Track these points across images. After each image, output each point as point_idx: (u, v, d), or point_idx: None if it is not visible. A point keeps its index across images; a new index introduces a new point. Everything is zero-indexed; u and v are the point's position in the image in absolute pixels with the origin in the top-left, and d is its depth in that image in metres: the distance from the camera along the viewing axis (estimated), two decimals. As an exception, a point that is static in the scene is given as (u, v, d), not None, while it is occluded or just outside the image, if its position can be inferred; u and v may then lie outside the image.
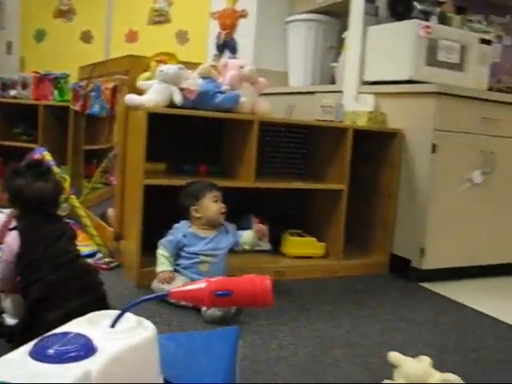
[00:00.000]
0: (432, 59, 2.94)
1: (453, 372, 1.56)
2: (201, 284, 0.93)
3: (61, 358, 0.76)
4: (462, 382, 1.53)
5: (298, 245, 2.87)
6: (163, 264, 2.31)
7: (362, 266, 2.93)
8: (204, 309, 2.07)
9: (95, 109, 2.98)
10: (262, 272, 2.55)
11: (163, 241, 2.35)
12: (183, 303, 2.17)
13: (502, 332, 2.26)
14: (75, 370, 0.74)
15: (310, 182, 2.95)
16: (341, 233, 2.85)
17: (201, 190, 2.38)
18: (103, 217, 3.08)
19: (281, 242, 2.93)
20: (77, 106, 3.34)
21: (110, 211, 3.00)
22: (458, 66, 3.04)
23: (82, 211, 2.77)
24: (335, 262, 2.87)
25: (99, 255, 2.71)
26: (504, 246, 3.15)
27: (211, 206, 2.36)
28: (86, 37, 5.57)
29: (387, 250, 2.99)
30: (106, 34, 5.51)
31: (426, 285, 2.84)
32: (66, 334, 0.82)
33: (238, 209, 2.84)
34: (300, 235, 2.93)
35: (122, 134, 2.69)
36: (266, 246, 2.91)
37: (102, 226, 2.91)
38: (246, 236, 2.43)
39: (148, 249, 2.38)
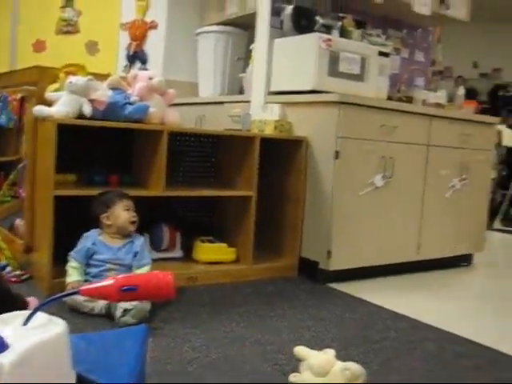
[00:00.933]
0: (334, 70, 3.09)
1: (356, 362, 1.67)
2: (109, 281, 0.99)
3: (-25, 354, 0.80)
4: (362, 369, 1.64)
5: (209, 251, 2.93)
6: (71, 275, 2.33)
7: (272, 270, 3.03)
8: (118, 316, 2.10)
9: (2, 120, 2.94)
10: (174, 279, 2.60)
11: (72, 252, 2.37)
12: (96, 311, 2.20)
13: (402, 324, 2.41)
14: (-12, 363, 0.79)
15: (220, 189, 3.03)
16: (250, 238, 2.94)
17: (112, 198, 2.43)
18: (11, 229, 3.04)
19: (192, 249, 2.98)
20: (-18, 118, 3.28)
21: (18, 222, 2.97)
22: (359, 77, 3.20)
23: (-11, 224, 2.73)
24: (246, 266, 2.95)
25: (9, 268, 2.67)
26: (403, 245, 3.34)
27: (122, 214, 2.40)
28: (-10, 46, 5.42)
29: (296, 253, 3.10)
30: (12, 43, 5.37)
31: (333, 285, 2.96)
32: (-21, 333, 0.86)
33: (150, 218, 2.89)
34: (211, 241, 2.99)
35: (30, 146, 2.68)
36: (178, 253, 2.97)
37: (11, 239, 2.87)
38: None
39: (59, 260, 2.39)
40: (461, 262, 3.81)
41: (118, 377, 0.97)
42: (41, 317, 0.94)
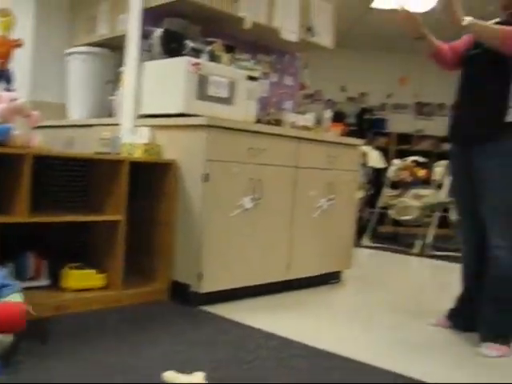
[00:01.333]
0: (202, 94, 3.11)
1: (226, 383, 1.70)
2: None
3: None
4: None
5: (77, 278, 2.84)
6: None
7: (143, 295, 2.99)
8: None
9: None
10: (41, 308, 2.51)
11: None
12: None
13: (273, 343, 2.46)
14: None
15: (89, 214, 2.95)
16: (120, 263, 2.89)
17: None
18: None
19: (60, 277, 2.88)
20: None
21: None
22: (227, 100, 3.25)
23: None
24: (116, 292, 2.89)
25: None
26: (274, 265, 3.41)
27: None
28: None
29: (167, 277, 3.08)
30: None
31: (205, 307, 2.97)
32: None
33: (16, 245, 2.77)
34: (79, 268, 2.89)
35: None
36: (44, 281, 2.86)
37: None
38: None
39: None
40: (330, 279, 3.95)
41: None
42: None
